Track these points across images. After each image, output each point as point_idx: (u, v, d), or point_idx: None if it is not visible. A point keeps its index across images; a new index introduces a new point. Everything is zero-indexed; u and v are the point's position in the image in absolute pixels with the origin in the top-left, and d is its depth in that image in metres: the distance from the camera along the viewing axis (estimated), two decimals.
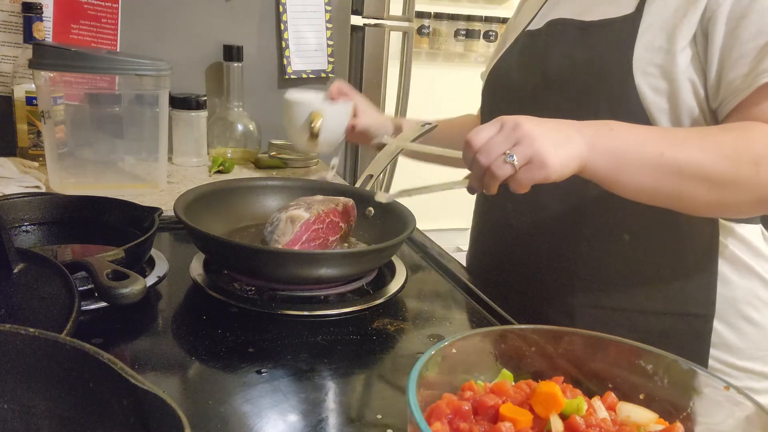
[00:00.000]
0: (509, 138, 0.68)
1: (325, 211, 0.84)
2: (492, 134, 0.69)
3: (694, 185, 0.70)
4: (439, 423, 0.46)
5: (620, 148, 0.70)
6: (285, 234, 0.80)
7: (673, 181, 0.70)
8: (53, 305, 0.59)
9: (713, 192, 0.70)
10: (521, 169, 0.68)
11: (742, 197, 0.71)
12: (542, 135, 0.67)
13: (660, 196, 0.73)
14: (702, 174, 0.70)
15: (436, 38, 2.81)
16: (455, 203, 2.97)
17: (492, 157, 0.68)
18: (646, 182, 0.71)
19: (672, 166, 0.70)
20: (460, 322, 0.78)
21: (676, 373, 0.52)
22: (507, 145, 0.68)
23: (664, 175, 0.70)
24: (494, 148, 0.68)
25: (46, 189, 1.11)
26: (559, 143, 0.68)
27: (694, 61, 0.77)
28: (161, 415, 0.38)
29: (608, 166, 0.70)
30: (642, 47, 0.79)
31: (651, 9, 0.80)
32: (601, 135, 0.70)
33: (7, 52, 1.29)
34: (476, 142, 0.70)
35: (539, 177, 0.68)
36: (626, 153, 0.70)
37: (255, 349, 0.67)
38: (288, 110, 1.16)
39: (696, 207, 0.74)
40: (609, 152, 0.70)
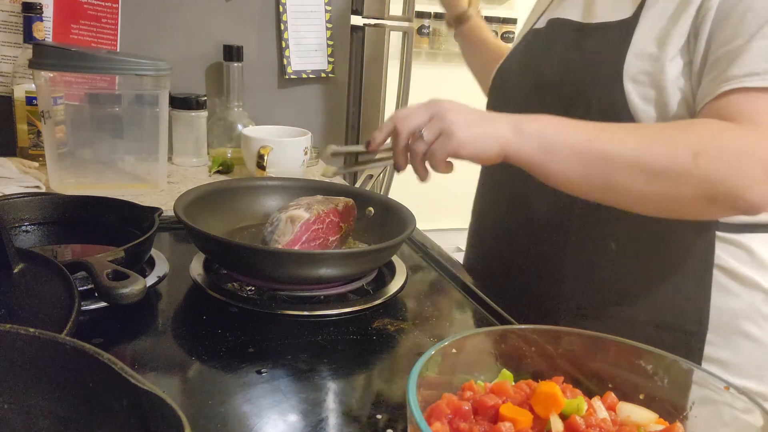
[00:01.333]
0: (426, 112, 0.71)
1: (325, 211, 0.84)
2: (414, 109, 0.73)
3: (626, 175, 0.67)
4: (439, 423, 0.46)
5: (547, 133, 0.69)
6: (285, 234, 0.80)
7: (602, 169, 0.68)
8: (53, 305, 0.59)
9: (649, 184, 0.67)
10: (433, 143, 0.70)
11: (683, 191, 0.67)
12: (458, 112, 0.70)
13: (592, 186, 0.70)
14: (633, 162, 0.67)
15: (436, 38, 2.81)
16: (455, 203, 2.97)
17: (406, 132, 0.72)
18: (574, 170, 0.69)
19: (599, 152, 0.68)
20: (460, 322, 0.78)
21: (676, 373, 0.52)
22: (422, 118, 0.71)
23: (592, 162, 0.68)
24: (410, 122, 0.72)
25: (46, 189, 1.11)
26: (476, 122, 0.70)
27: (686, 70, 0.75)
28: (161, 415, 0.38)
29: (535, 151, 0.69)
30: (633, 54, 0.77)
31: (647, 15, 0.78)
32: (530, 121, 0.70)
33: (7, 52, 1.28)
34: (397, 115, 0.74)
35: (450, 148, 0.69)
36: (553, 138, 0.69)
37: (255, 349, 0.67)
38: (244, 142, 1.28)
39: (634, 200, 0.70)
40: (535, 137, 0.69)
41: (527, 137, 0.69)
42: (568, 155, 0.68)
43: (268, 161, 1.20)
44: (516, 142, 0.69)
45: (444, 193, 2.91)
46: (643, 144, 0.68)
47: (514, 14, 2.83)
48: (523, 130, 0.69)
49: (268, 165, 1.20)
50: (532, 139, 0.69)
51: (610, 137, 0.68)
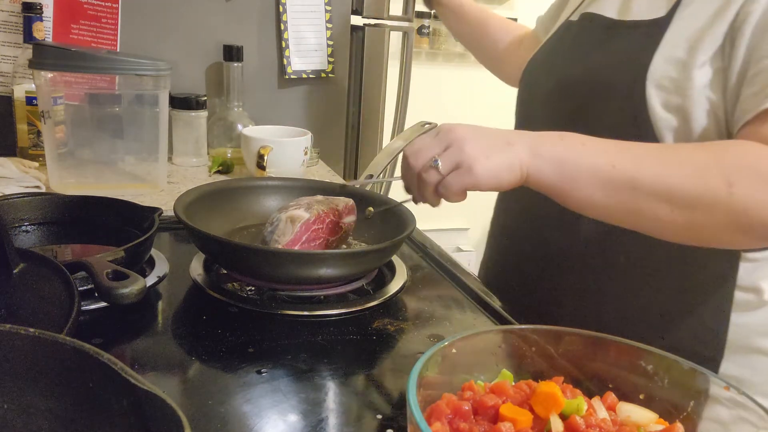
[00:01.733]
0: (441, 143, 0.66)
1: (325, 211, 0.84)
2: (426, 140, 0.68)
3: (654, 203, 0.63)
4: (439, 423, 0.46)
5: (568, 157, 0.64)
6: (285, 234, 0.80)
7: (628, 196, 0.63)
8: (53, 305, 0.59)
9: (678, 212, 0.62)
10: (450, 174, 0.65)
11: (714, 220, 0.62)
12: (474, 139, 0.65)
13: (617, 213, 0.66)
14: (661, 190, 0.62)
15: (436, 38, 2.81)
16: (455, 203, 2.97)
17: (420, 163, 0.67)
18: (597, 196, 0.64)
19: (625, 179, 0.63)
20: (460, 322, 0.78)
21: (676, 373, 0.52)
22: (437, 150, 0.66)
23: (617, 189, 0.63)
24: (424, 152, 0.67)
25: (46, 189, 1.11)
26: (494, 149, 0.65)
27: (716, 78, 0.70)
28: (161, 415, 0.38)
29: (555, 176, 0.64)
30: (661, 57, 0.72)
31: (682, 15, 0.73)
32: (548, 143, 0.65)
33: (7, 52, 1.28)
34: (409, 149, 0.69)
35: (468, 182, 0.65)
36: (574, 162, 0.64)
37: (255, 349, 0.67)
38: (243, 142, 1.27)
39: (663, 229, 0.66)
40: (555, 161, 0.64)
41: (546, 162, 0.64)
42: (589, 182, 0.64)
43: (268, 161, 1.20)
44: (534, 166, 0.65)
45: None
46: (671, 170, 0.62)
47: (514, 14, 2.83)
48: (542, 155, 0.65)
49: (268, 165, 1.20)
50: (551, 165, 0.64)
51: (635, 162, 0.63)
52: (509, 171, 0.64)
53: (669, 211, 0.62)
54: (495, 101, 2.87)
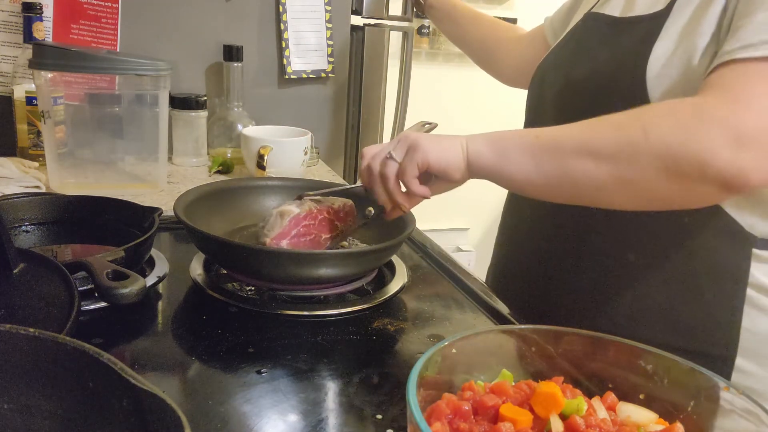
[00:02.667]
0: (392, 142, 0.75)
1: (318, 208, 0.84)
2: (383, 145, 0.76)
3: (578, 160, 0.65)
4: (439, 423, 0.46)
5: (500, 137, 0.71)
6: (274, 228, 0.80)
7: (552, 159, 0.67)
8: (53, 305, 0.59)
9: (603, 166, 0.64)
10: (404, 159, 0.72)
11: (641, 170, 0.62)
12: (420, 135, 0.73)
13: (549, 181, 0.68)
14: (579, 146, 0.65)
15: (436, 38, 2.80)
16: (455, 203, 2.97)
17: (378, 160, 0.75)
18: (528, 166, 0.68)
19: (546, 144, 0.67)
20: (460, 322, 0.78)
21: (676, 373, 0.52)
22: (390, 146, 0.74)
23: (541, 155, 0.67)
24: (380, 152, 0.75)
25: (46, 189, 1.11)
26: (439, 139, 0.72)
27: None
28: (161, 415, 0.38)
29: (490, 154, 0.70)
30: (660, 49, 0.73)
31: (680, 6, 0.74)
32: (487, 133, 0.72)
33: (7, 52, 1.28)
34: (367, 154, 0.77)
35: (418, 158, 0.71)
36: (505, 140, 0.70)
37: (255, 349, 0.67)
38: (243, 142, 1.28)
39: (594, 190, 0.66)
40: (489, 141, 0.71)
41: (483, 144, 0.71)
42: (519, 154, 0.68)
43: (268, 161, 1.20)
44: (473, 149, 0.71)
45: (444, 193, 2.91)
46: (590, 128, 0.66)
47: (514, 14, 2.83)
48: (479, 139, 0.71)
49: (268, 165, 1.20)
50: (486, 146, 0.70)
51: (557, 129, 0.69)
52: (453, 151, 0.71)
53: (594, 166, 0.64)
54: (495, 101, 2.87)
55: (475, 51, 1.31)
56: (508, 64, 1.21)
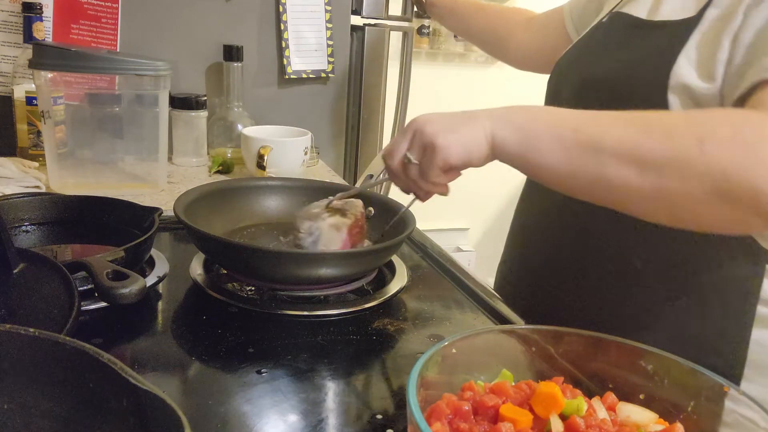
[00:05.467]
0: (407, 135, 0.68)
1: (356, 215, 0.84)
2: (396, 139, 0.70)
3: (619, 166, 0.58)
4: (439, 423, 0.46)
5: (530, 123, 0.63)
6: (333, 242, 0.79)
7: (592, 160, 0.59)
8: (53, 305, 0.59)
9: (646, 176, 0.57)
10: (422, 161, 0.67)
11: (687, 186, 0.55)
12: (434, 122, 0.66)
13: (583, 181, 0.61)
14: (625, 151, 0.57)
15: (436, 38, 2.80)
16: (455, 203, 2.97)
17: (396, 162, 0.70)
18: (561, 163, 0.61)
19: (588, 142, 0.59)
20: (460, 322, 0.78)
21: (676, 373, 0.52)
22: (405, 144, 0.68)
23: (580, 153, 0.60)
24: (396, 151, 0.70)
25: (46, 189, 1.11)
26: (455, 126, 0.65)
27: None
28: (161, 415, 0.38)
29: (518, 143, 0.63)
30: (686, 59, 0.70)
31: (710, 15, 0.70)
32: (512, 113, 0.64)
33: (7, 52, 1.28)
34: (384, 153, 0.72)
35: (439, 160, 0.65)
36: (537, 129, 0.62)
37: (255, 349, 0.67)
38: (243, 142, 1.28)
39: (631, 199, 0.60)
40: (518, 128, 0.63)
41: (510, 131, 0.63)
42: (552, 148, 0.61)
43: (268, 161, 1.20)
44: (499, 137, 0.63)
45: None
46: (637, 131, 0.58)
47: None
48: (505, 124, 0.64)
49: (268, 165, 1.20)
50: (514, 132, 0.63)
51: (599, 125, 0.61)
52: (475, 141, 0.64)
53: (636, 174, 0.57)
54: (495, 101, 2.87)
55: (482, 41, 1.30)
56: (520, 48, 1.20)
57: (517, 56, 1.23)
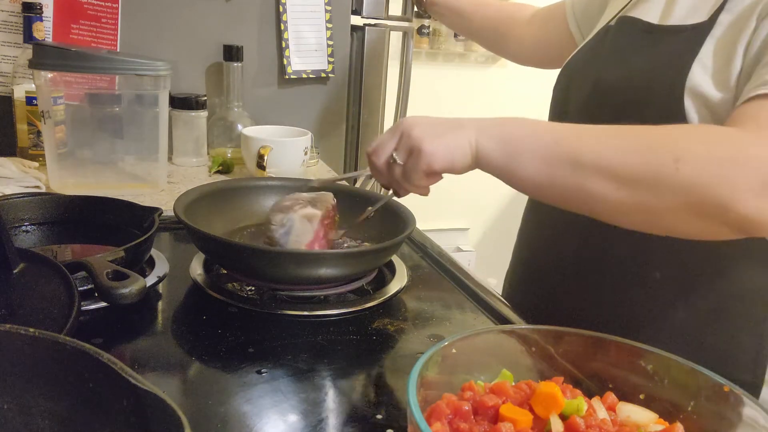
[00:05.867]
0: (394, 135, 0.70)
1: (327, 207, 0.84)
2: (382, 138, 0.71)
3: (597, 180, 0.60)
4: (439, 423, 0.46)
5: (513, 134, 0.65)
6: (305, 233, 0.79)
7: (570, 173, 0.61)
8: (53, 305, 0.59)
9: (623, 191, 0.59)
10: (407, 163, 0.68)
11: (661, 201, 0.59)
12: (422, 125, 0.68)
13: (560, 192, 0.64)
14: (603, 165, 0.59)
15: (436, 38, 2.80)
16: (455, 203, 2.97)
17: (381, 160, 0.71)
18: (541, 174, 0.63)
19: (567, 155, 0.61)
20: (460, 322, 0.78)
21: (676, 373, 0.52)
22: (392, 144, 0.70)
23: (559, 165, 0.62)
24: (381, 149, 0.71)
25: (46, 189, 1.11)
26: (443, 132, 0.67)
27: None
28: (161, 415, 0.38)
29: (501, 154, 0.64)
30: (700, 65, 0.70)
31: (723, 21, 0.70)
32: (498, 124, 0.66)
33: (7, 52, 1.28)
34: (369, 148, 0.73)
35: (423, 164, 0.67)
36: (519, 140, 0.64)
37: (255, 349, 0.67)
38: (243, 142, 1.28)
39: (608, 210, 0.63)
40: (501, 139, 0.65)
41: (493, 141, 0.65)
42: (532, 159, 0.63)
43: (268, 161, 1.20)
44: (480, 144, 0.65)
45: (444, 193, 2.91)
46: (616, 146, 0.61)
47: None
48: (489, 135, 0.66)
49: (268, 165, 1.20)
50: (497, 143, 0.65)
51: (579, 139, 0.62)
52: (460, 150, 0.66)
53: (613, 189, 0.60)
54: (495, 101, 2.87)
55: (483, 38, 1.30)
56: (521, 44, 1.20)
57: (518, 52, 1.23)
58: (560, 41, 1.08)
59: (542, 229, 0.95)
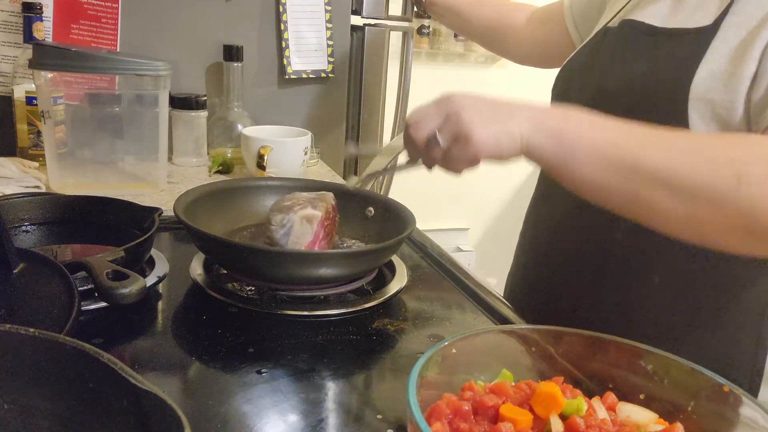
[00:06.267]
0: (440, 113, 0.64)
1: (327, 207, 0.84)
2: (427, 110, 0.65)
3: (655, 189, 0.59)
4: (439, 423, 0.46)
5: (570, 132, 0.61)
6: (305, 234, 0.79)
7: (628, 179, 0.60)
8: (53, 305, 0.59)
9: (680, 203, 0.58)
10: (451, 147, 0.63)
11: (719, 217, 0.58)
12: (473, 109, 0.62)
13: (616, 196, 0.62)
14: (663, 176, 0.58)
15: (436, 38, 2.80)
16: (455, 203, 2.97)
17: (422, 136, 0.65)
18: (596, 176, 0.61)
19: (626, 160, 0.59)
20: (460, 322, 0.78)
21: (676, 373, 0.52)
22: (436, 121, 0.64)
23: (617, 170, 0.60)
24: (425, 124, 0.65)
25: (46, 189, 1.11)
26: (493, 118, 0.62)
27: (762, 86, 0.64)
28: (161, 415, 0.38)
29: (554, 150, 0.61)
30: (706, 69, 0.68)
31: (729, 24, 0.69)
32: (552, 117, 0.62)
33: (7, 52, 1.28)
34: (410, 119, 0.67)
35: (470, 153, 0.62)
36: (575, 138, 0.61)
37: (255, 349, 0.67)
38: (243, 142, 1.28)
39: (661, 219, 0.61)
40: (556, 135, 0.61)
41: (547, 136, 0.61)
42: (589, 160, 0.60)
43: (268, 161, 1.20)
44: (533, 138, 0.61)
45: (444, 193, 2.91)
46: (677, 156, 0.58)
47: None
48: (543, 128, 0.61)
49: (268, 165, 1.20)
50: (551, 138, 0.61)
51: (640, 144, 0.60)
52: (509, 139, 0.62)
53: (670, 200, 0.58)
54: None
55: (482, 38, 1.30)
56: (520, 44, 1.20)
57: (517, 51, 1.23)
58: (559, 41, 1.08)
59: (544, 230, 0.94)
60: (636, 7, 0.84)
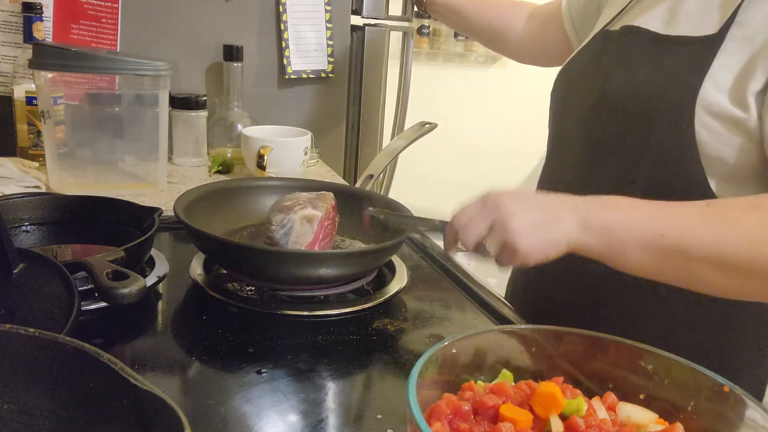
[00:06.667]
0: (486, 219, 0.65)
1: (327, 208, 0.84)
2: (473, 213, 0.67)
3: (706, 270, 0.61)
4: (439, 423, 0.46)
5: (615, 228, 0.63)
6: (305, 234, 0.79)
7: (679, 264, 0.62)
8: (53, 305, 0.59)
9: (730, 279, 0.61)
10: (499, 253, 0.66)
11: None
12: (519, 216, 0.64)
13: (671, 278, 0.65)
14: (713, 258, 0.61)
15: (436, 38, 2.81)
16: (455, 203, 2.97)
17: (470, 240, 0.67)
18: (648, 264, 0.64)
19: (675, 248, 0.61)
20: (460, 322, 0.78)
21: (676, 373, 0.52)
22: (483, 226, 0.65)
23: (667, 257, 0.62)
24: (472, 229, 0.66)
25: (46, 189, 1.11)
26: (540, 225, 0.64)
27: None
28: (161, 415, 0.38)
29: (604, 247, 0.64)
30: (712, 81, 0.68)
31: (735, 36, 0.69)
32: (596, 214, 0.64)
33: (7, 52, 1.28)
34: (457, 223, 0.68)
35: (516, 261, 0.65)
36: (622, 234, 0.63)
37: (255, 349, 0.67)
38: (243, 142, 1.28)
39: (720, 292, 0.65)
40: (603, 233, 0.63)
41: (593, 233, 0.63)
42: (638, 252, 0.63)
43: (268, 161, 1.20)
44: (581, 240, 0.63)
45: (444, 192, 2.91)
46: (722, 237, 0.61)
47: None
48: (587, 226, 0.63)
49: (268, 165, 1.20)
50: (599, 237, 0.63)
51: (685, 230, 0.62)
52: (556, 246, 0.64)
53: (723, 277, 0.61)
54: (495, 101, 2.87)
55: (482, 37, 1.30)
56: (521, 43, 1.20)
57: (518, 50, 1.23)
58: (558, 41, 1.08)
59: None
60: (637, 13, 0.84)
